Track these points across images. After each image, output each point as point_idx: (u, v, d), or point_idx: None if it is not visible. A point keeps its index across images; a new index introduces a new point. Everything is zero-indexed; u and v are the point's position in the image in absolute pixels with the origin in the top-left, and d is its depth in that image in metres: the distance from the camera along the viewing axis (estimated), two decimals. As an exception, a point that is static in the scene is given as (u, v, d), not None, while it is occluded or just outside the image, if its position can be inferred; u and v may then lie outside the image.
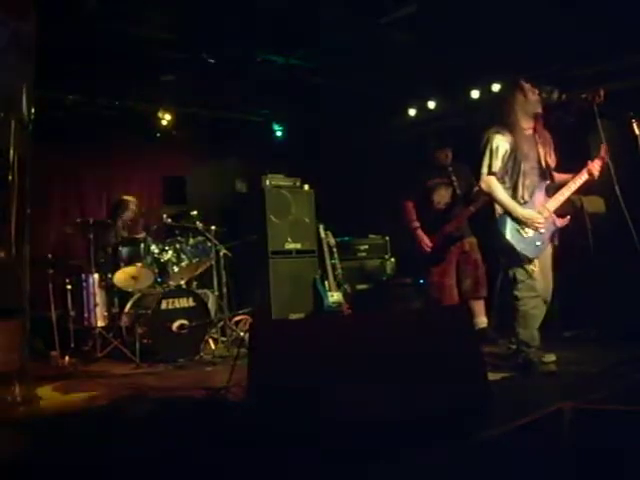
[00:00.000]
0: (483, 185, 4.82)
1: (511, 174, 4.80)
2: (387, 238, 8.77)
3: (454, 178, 6.35)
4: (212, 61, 7.31)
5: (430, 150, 6.61)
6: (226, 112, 8.73)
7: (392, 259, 8.68)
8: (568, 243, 5.18)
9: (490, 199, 4.86)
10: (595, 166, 4.75)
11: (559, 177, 4.96)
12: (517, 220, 4.70)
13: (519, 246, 4.68)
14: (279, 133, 9.49)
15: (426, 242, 6.32)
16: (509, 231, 4.70)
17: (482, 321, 6.21)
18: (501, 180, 4.78)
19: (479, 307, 6.23)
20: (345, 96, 8.37)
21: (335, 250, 8.07)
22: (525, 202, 4.76)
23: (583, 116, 4.92)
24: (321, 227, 8.18)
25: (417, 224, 6.44)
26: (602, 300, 5.75)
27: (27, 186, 2.92)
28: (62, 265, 6.62)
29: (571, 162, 5.00)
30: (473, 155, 4.99)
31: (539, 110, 4.82)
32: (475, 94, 8.08)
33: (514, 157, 4.77)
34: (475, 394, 3.51)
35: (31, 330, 3.15)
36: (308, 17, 6.49)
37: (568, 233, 5.03)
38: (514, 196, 4.76)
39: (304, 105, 8.66)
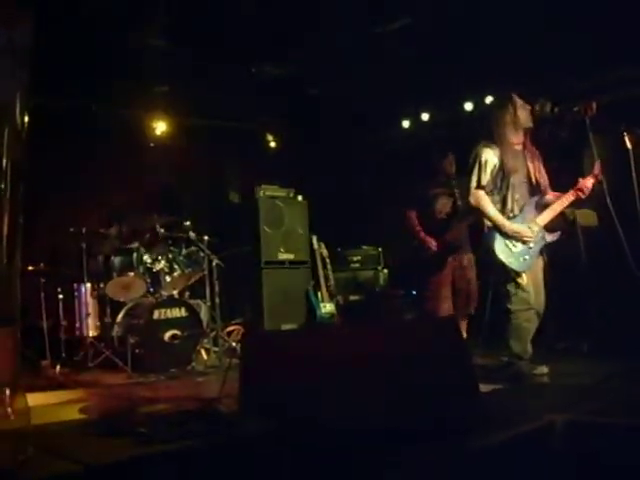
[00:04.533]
0: (472, 199, 4.85)
1: (500, 187, 4.82)
2: (380, 249, 8.77)
3: (456, 190, 6.34)
4: (207, 70, 7.33)
5: (435, 159, 6.61)
6: (221, 122, 8.73)
7: (385, 270, 8.68)
8: (561, 256, 5.20)
9: (479, 213, 4.88)
10: (587, 183, 4.77)
11: (552, 195, 4.96)
12: (505, 234, 4.71)
13: (507, 260, 4.70)
14: (273, 144, 9.49)
15: (431, 241, 6.29)
16: (498, 245, 4.72)
17: None
18: (490, 194, 4.80)
19: (462, 324, 6.21)
20: (340, 107, 8.39)
21: (328, 261, 8.07)
22: (514, 216, 4.78)
23: (575, 129, 4.95)
24: (314, 238, 8.19)
25: (420, 228, 6.43)
26: (594, 313, 5.77)
27: (20, 194, 2.91)
28: (54, 274, 6.60)
29: (564, 175, 5.03)
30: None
31: (529, 125, 4.85)
32: (469, 106, 8.13)
33: (503, 171, 4.79)
34: (466, 406, 3.50)
35: (22, 339, 3.14)
36: (305, 28, 6.52)
37: (561, 246, 5.05)
38: (503, 210, 4.79)
39: (299, 116, 8.68)
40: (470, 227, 6.14)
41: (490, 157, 4.80)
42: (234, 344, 6.77)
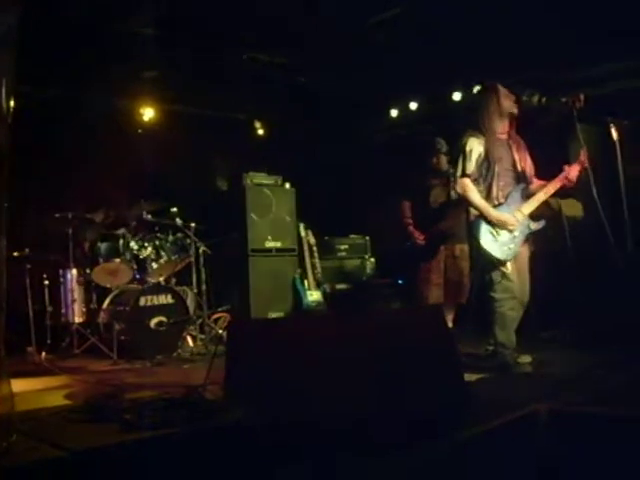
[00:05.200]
0: (457, 187, 4.90)
1: (485, 176, 4.85)
2: (367, 238, 8.79)
3: (452, 179, 6.38)
4: (195, 58, 7.30)
5: (424, 152, 6.66)
6: (208, 109, 8.70)
7: (372, 259, 8.70)
8: (546, 246, 5.23)
9: (465, 201, 4.92)
10: (573, 171, 4.79)
11: (538, 183, 5.00)
12: (490, 222, 4.74)
13: (491, 248, 4.73)
14: (261, 131, 9.46)
15: (417, 235, 6.39)
16: (482, 233, 4.75)
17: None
18: (475, 182, 4.83)
19: (449, 314, 6.25)
20: (329, 95, 8.38)
21: (315, 249, 8.08)
22: (500, 204, 4.81)
23: (563, 120, 4.97)
24: (301, 226, 8.19)
25: (410, 221, 6.52)
26: (579, 302, 5.80)
27: (4, 180, 2.89)
28: (40, 260, 6.58)
29: (550, 165, 5.04)
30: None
31: (514, 111, 4.87)
32: (457, 96, 8.13)
33: (488, 160, 4.82)
34: (451, 394, 3.53)
35: (7, 325, 3.12)
36: (294, 17, 6.49)
37: (546, 236, 5.07)
38: (488, 198, 4.82)
39: (287, 103, 8.66)
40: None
41: (475, 146, 4.83)
42: (220, 331, 6.78)
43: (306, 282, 7.86)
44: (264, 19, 6.47)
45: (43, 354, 5.95)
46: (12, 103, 2.94)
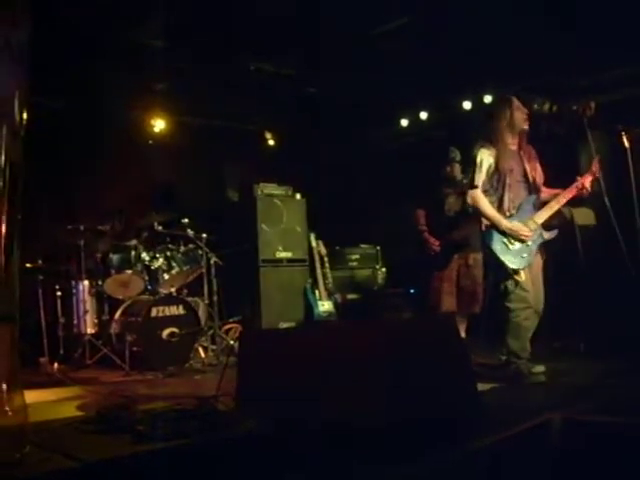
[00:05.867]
0: (469, 198, 4.91)
1: (496, 187, 4.85)
2: (378, 248, 8.78)
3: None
4: (205, 69, 7.33)
5: (437, 162, 6.66)
6: (219, 120, 8.73)
7: (383, 269, 8.69)
8: (558, 255, 5.21)
9: (477, 212, 4.91)
10: (586, 181, 4.78)
11: (548, 192, 4.99)
12: (503, 232, 4.74)
13: (505, 257, 4.72)
14: (272, 142, 9.48)
15: (433, 242, 6.37)
16: (495, 243, 4.74)
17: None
18: (487, 193, 4.83)
19: (462, 324, 6.23)
20: (338, 105, 8.39)
21: (326, 259, 8.08)
22: (511, 215, 4.80)
23: (574, 128, 4.96)
24: (312, 236, 8.19)
25: (425, 228, 6.50)
26: (591, 311, 5.77)
27: (18, 192, 2.91)
28: (52, 271, 6.60)
29: (561, 173, 5.03)
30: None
31: (525, 128, 4.87)
32: (467, 105, 8.12)
33: (499, 171, 4.82)
34: (464, 404, 3.51)
35: (20, 336, 3.14)
36: (302, 27, 6.52)
37: (558, 245, 5.06)
38: (500, 209, 4.81)
39: (297, 114, 8.68)
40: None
41: (486, 157, 4.84)
42: (232, 342, 6.77)
43: (317, 292, 7.85)
44: (271, 27, 6.48)
45: (55, 365, 5.96)
46: (25, 116, 2.97)
